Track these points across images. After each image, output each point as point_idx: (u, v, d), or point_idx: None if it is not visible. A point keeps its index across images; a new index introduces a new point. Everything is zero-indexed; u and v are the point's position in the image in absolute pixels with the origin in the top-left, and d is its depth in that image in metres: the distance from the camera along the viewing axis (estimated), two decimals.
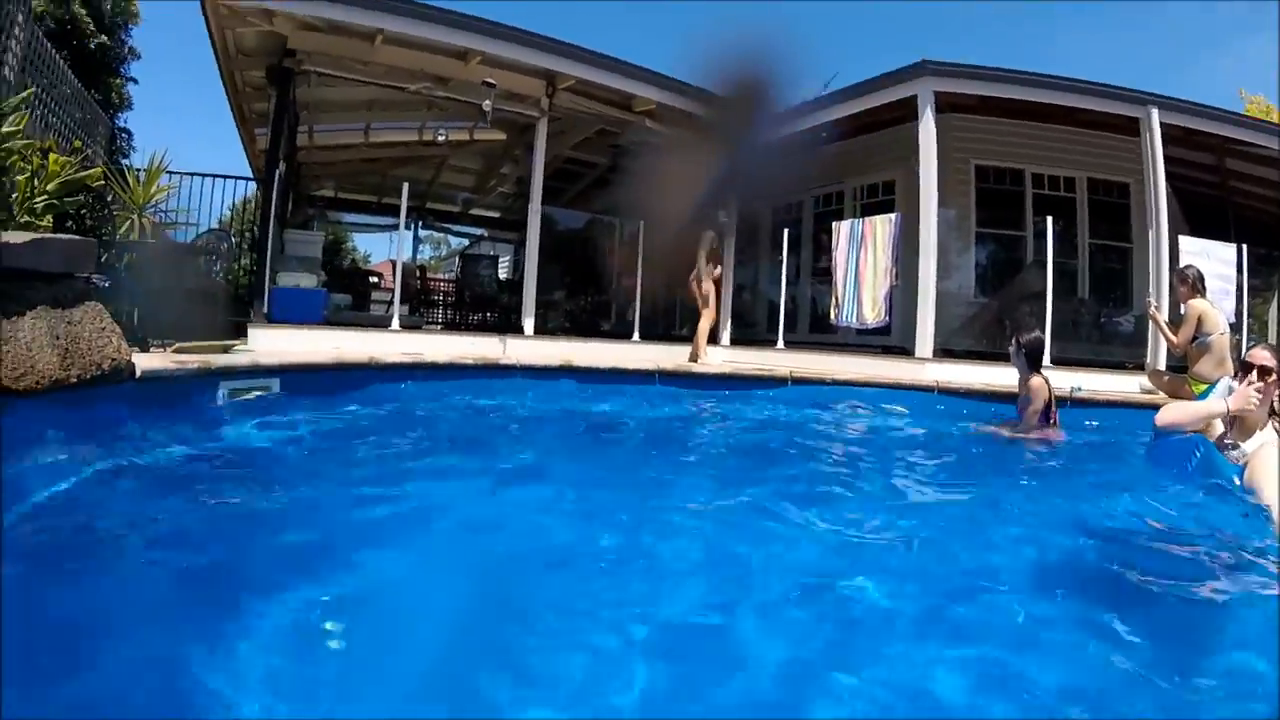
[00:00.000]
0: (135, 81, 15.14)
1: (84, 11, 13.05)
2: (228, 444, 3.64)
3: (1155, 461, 3.88)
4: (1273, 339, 11.79)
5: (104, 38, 13.66)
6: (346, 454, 3.78)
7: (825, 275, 9.75)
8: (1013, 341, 5.70)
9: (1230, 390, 3.60)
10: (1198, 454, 3.49)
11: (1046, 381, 5.47)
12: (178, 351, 4.74)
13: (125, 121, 14.76)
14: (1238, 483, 3.20)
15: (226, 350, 5.13)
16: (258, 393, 4.26)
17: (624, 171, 13.33)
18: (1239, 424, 3.50)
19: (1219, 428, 3.62)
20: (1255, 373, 3.39)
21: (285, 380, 4.43)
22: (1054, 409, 5.50)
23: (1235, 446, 3.46)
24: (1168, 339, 6.96)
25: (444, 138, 11.03)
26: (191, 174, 9.29)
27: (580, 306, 12.70)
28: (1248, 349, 3.66)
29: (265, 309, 7.75)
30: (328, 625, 1.69)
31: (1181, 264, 7.76)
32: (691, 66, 9.31)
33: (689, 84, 9.91)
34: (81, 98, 7.71)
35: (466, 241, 19.85)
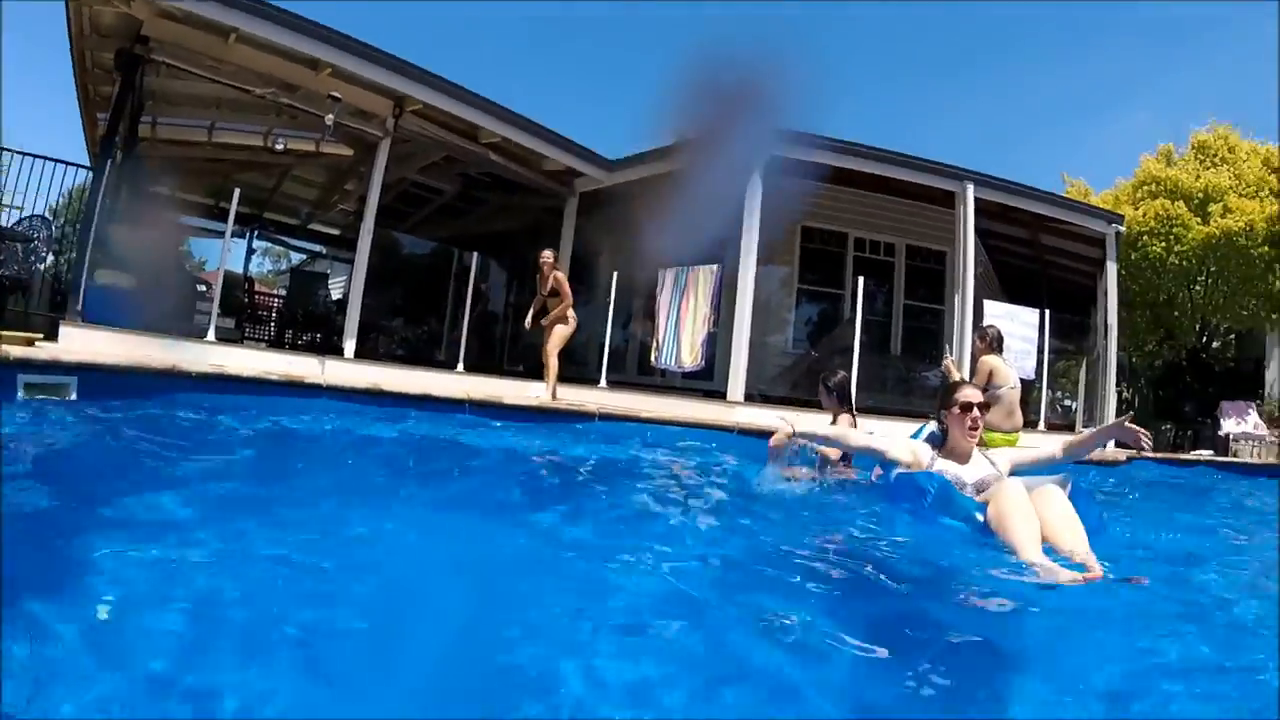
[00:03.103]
0: None
1: None
2: None
3: (891, 497, 4.15)
4: (1082, 397, 13.49)
5: None
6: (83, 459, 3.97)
7: (653, 319, 10.60)
8: (821, 383, 6.34)
9: (933, 435, 4.39)
10: (932, 490, 3.69)
11: (854, 420, 6.06)
12: None
13: None
14: (980, 519, 3.37)
15: (30, 343, 5.47)
16: (52, 391, 4.66)
17: (468, 201, 14.01)
18: (952, 452, 4.07)
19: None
20: (976, 409, 3.99)
21: (83, 379, 4.84)
22: None
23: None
24: None
25: (283, 146, 11.37)
26: (22, 153, 9.25)
27: (415, 334, 13.20)
28: (955, 389, 4.19)
29: (79, 306, 7.81)
30: None
31: (984, 324, 8.77)
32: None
33: (533, 121, 10.75)
34: None
35: (305, 257, 19.95)
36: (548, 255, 9.15)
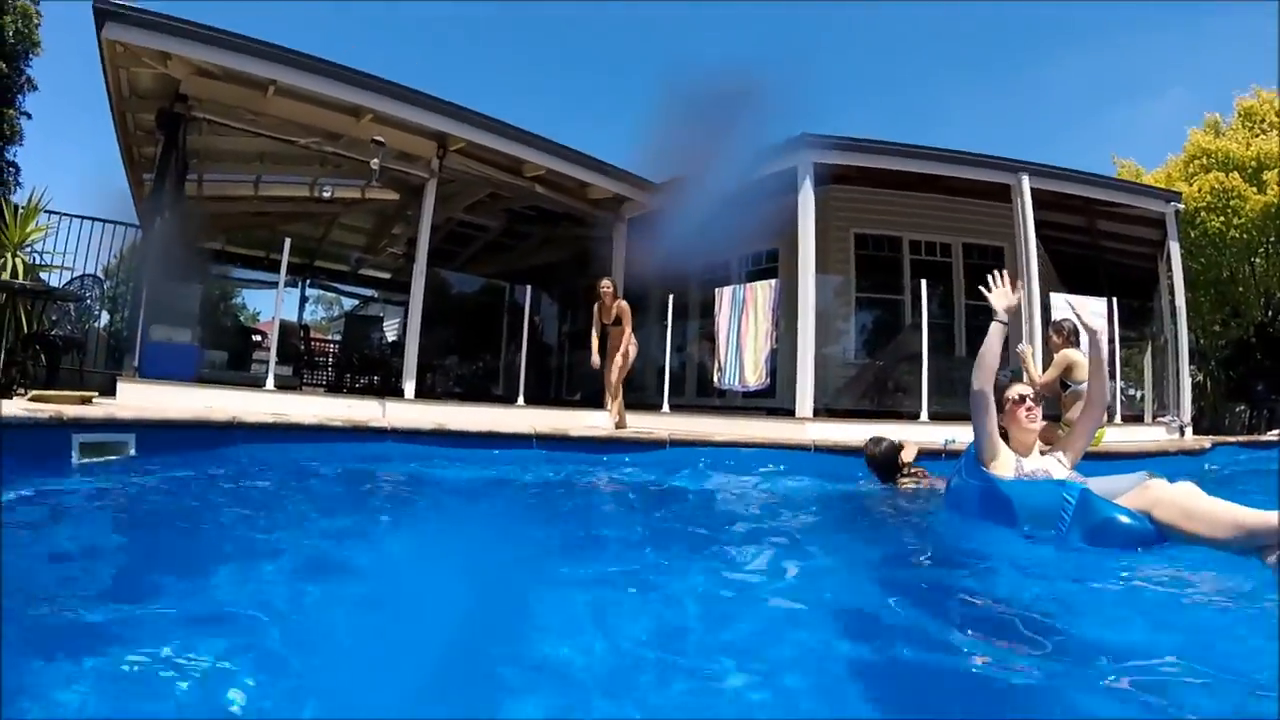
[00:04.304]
0: (29, 116, 14.98)
1: None
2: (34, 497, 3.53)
3: (1000, 507, 3.55)
4: (1149, 386, 12.83)
5: (1, 65, 13.57)
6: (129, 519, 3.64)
7: (712, 340, 10.22)
8: (864, 455, 5.70)
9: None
10: (1070, 501, 3.21)
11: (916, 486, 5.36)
12: (34, 400, 4.86)
13: (15, 156, 14.80)
14: (1125, 520, 3.04)
15: (86, 401, 5.22)
16: (109, 450, 4.38)
17: (513, 236, 13.73)
18: (1016, 444, 3.88)
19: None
20: (1028, 399, 3.87)
21: (141, 436, 4.56)
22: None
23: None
24: (1031, 379, 7.25)
25: (329, 194, 11.25)
26: (72, 215, 9.25)
27: (471, 371, 12.94)
28: (1000, 391, 3.97)
29: (136, 363, 7.72)
30: None
31: (1057, 318, 8.29)
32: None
33: (577, 150, 10.46)
34: None
35: (358, 302, 20.00)
36: (607, 285, 8.95)
